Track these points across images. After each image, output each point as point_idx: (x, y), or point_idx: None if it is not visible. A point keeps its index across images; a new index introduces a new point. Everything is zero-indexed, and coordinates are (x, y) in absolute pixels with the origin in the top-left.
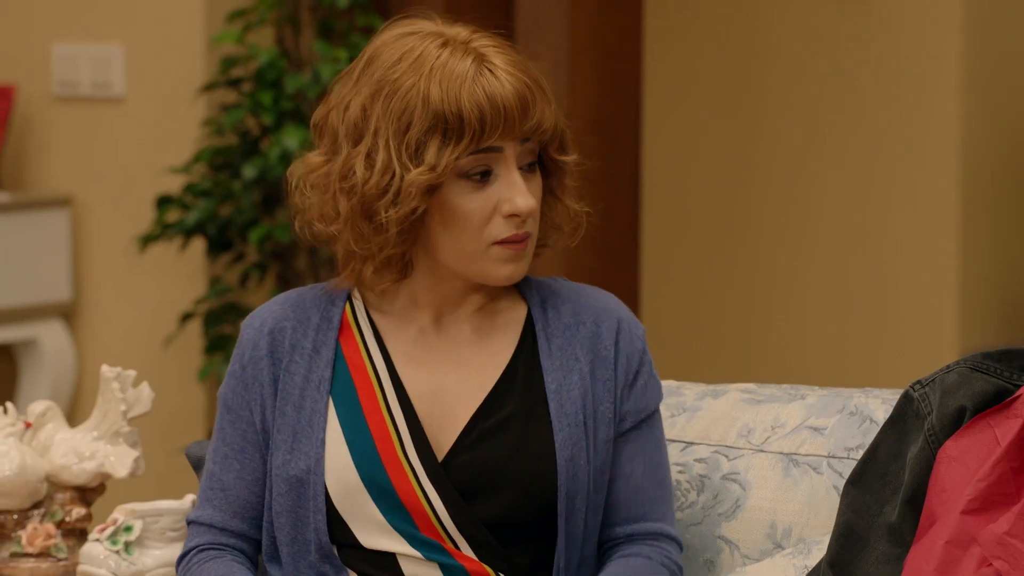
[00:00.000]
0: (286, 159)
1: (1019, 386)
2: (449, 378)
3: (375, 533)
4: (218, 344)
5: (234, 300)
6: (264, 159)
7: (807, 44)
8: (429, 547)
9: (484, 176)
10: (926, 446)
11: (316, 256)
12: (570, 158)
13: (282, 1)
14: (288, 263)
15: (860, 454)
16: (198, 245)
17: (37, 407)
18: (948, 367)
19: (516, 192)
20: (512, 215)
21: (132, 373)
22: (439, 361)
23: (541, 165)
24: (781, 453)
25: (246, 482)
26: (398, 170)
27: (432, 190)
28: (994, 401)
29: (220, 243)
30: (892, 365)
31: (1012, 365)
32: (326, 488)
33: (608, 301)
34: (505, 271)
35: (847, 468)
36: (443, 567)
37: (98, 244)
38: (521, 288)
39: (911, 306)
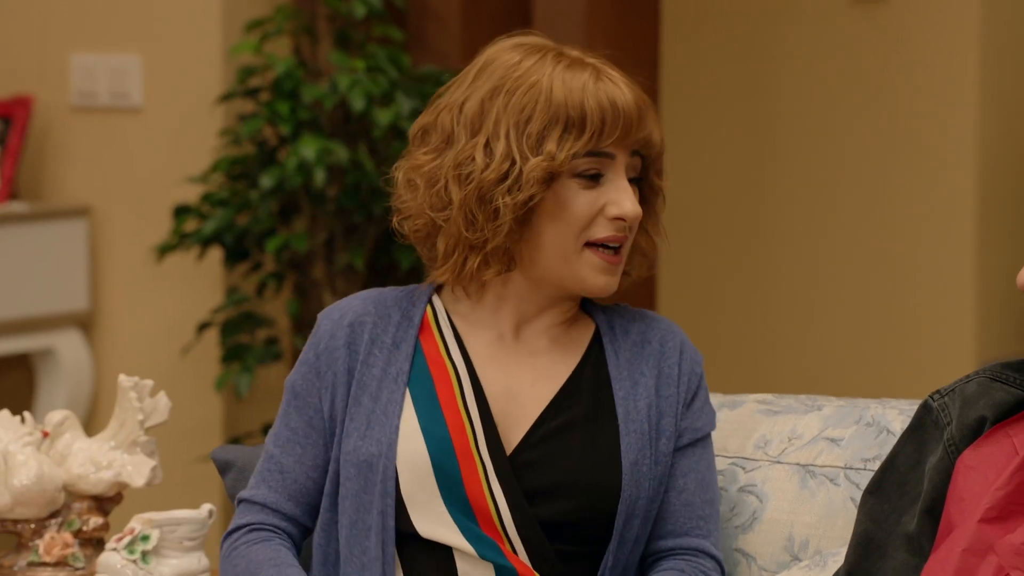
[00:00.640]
0: (303, 169)
1: None
2: (524, 381)
3: (435, 523)
4: (235, 353)
5: (251, 309)
6: (281, 169)
7: (825, 54)
8: (485, 544)
9: (595, 178)
10: (945, 456)
11: (333, 266)
12: (666, 183)
13: (299, 11)
14: (305, 272)
15: (877, 465)
16: (215, 255)
17: (54, 416)
18: (968, 377)
19: (624, 196)
20: (617, 218)
21: (149, 383)
22: (515, 365)
23: (639, 191)
24: (798, 464)
25: (305, 467)
26: (518, 159)
27: (549, 180)
28: (1014, 411)
29: (237, 253)
30: (910, 375)
31: None
32: (396, 473)
33: (671, 325)
34: (600, 281)
35: (864, 479)
36: (497, 568)
37: (115, 254)
38: (588, 309)
39: (929, 316)
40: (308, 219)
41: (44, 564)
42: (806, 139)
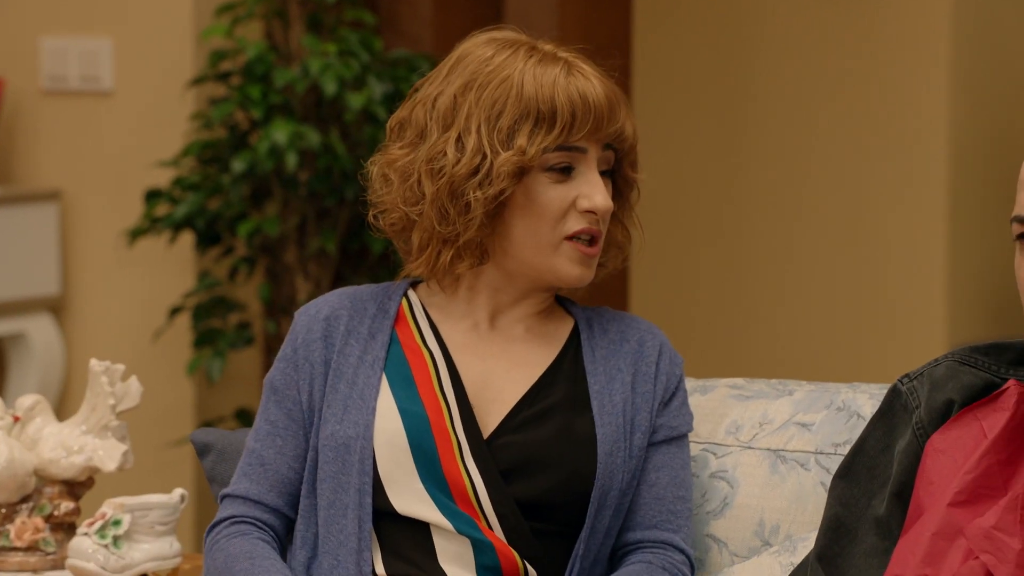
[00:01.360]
0: (275, 153)
1: (1006, 379)
2: (500, 367)
3: (412, 500)
4: (207, 338)
5: (223, 294)
6: (253, 153)
7: (798, 40)
8: (462, 520)
9: (566, 171)
10: (914, 439)
11: (305, 250)
12: (640, 176)
13: None
14: (277, 257)
15: (847, 450)
16: (187, 239)
17: (26, 401)
18: (936, 361)
19: (595, 190)
20: (589, 211)
21: (121, 367)
22: (491, 352)
23: (612, 183)
24: (768, 450)
25: (287, 458)
26: (489, 153)
27: (520, 174)
28: (982, 394)
29: (209, 237)
30: (881, 359)
31: (1000, 359)
32: (373, 452)
33: (652, 327)
34: (575, 271)
35: (834, 464)
36: (474, 542)
37: (87, 238)
38: (568, 307)
39: (900, 301)
40: (280, 203)
41: (15, 549)
42: (778, 126)
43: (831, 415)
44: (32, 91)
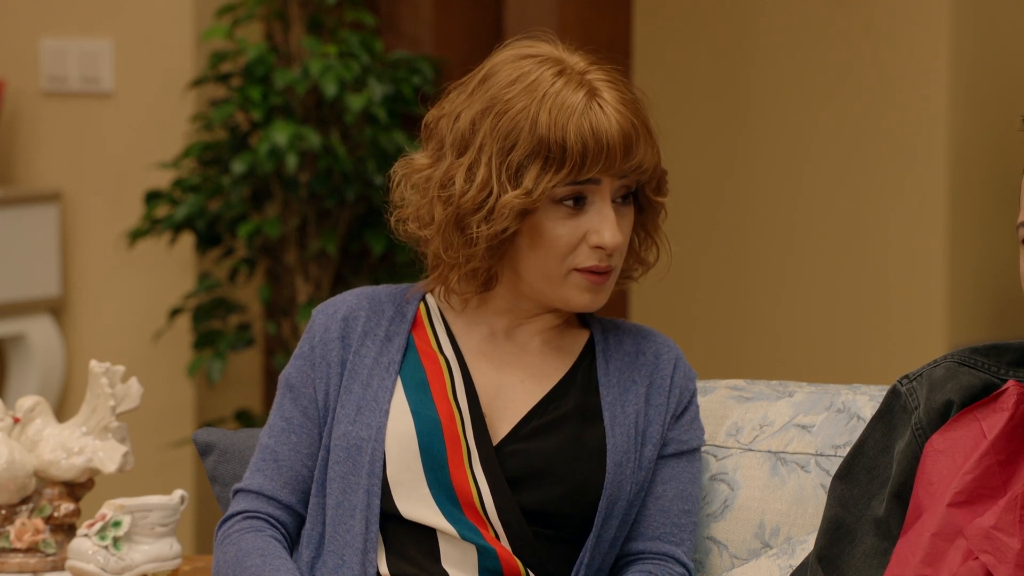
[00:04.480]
0: (275, 154)
1: (1006, 380)
2: (514, 377)
3: (418, 506)
4: (207, 339)
5: (223, 295)
6: (253, 154)
7: (797, 40)
8: (467, 528)
9: (578, 202)
10: (913, 440)
11: (305, 251)
12: (665, 199)
13: None
14: (277, 258)
15: (847, 451)
16: (187, 240)
17: (26, 402)
18: (935, 361)
19: (606, 226)
20: (598, 247)
21: (121, 368)
22: (506, 361)
23: (635, 200)
24: (769, 452)
25: (300, 455)
26: (495, 189)
27: (525, 214)
28: (981, 395)
29: (209, 238)
30: (881, 360)
31: (999, 360)
32: (384, 454)
33: (668, 342)
34: (584, 299)
35: (834, 466)
36: (478, 548)
37: (87, 239)
38: (585, 318)
39: (900, 302)
40: (280, 205)
41: (15, 550)
42: (778, 128)
43: (831, 417)
44: (32, 92)
